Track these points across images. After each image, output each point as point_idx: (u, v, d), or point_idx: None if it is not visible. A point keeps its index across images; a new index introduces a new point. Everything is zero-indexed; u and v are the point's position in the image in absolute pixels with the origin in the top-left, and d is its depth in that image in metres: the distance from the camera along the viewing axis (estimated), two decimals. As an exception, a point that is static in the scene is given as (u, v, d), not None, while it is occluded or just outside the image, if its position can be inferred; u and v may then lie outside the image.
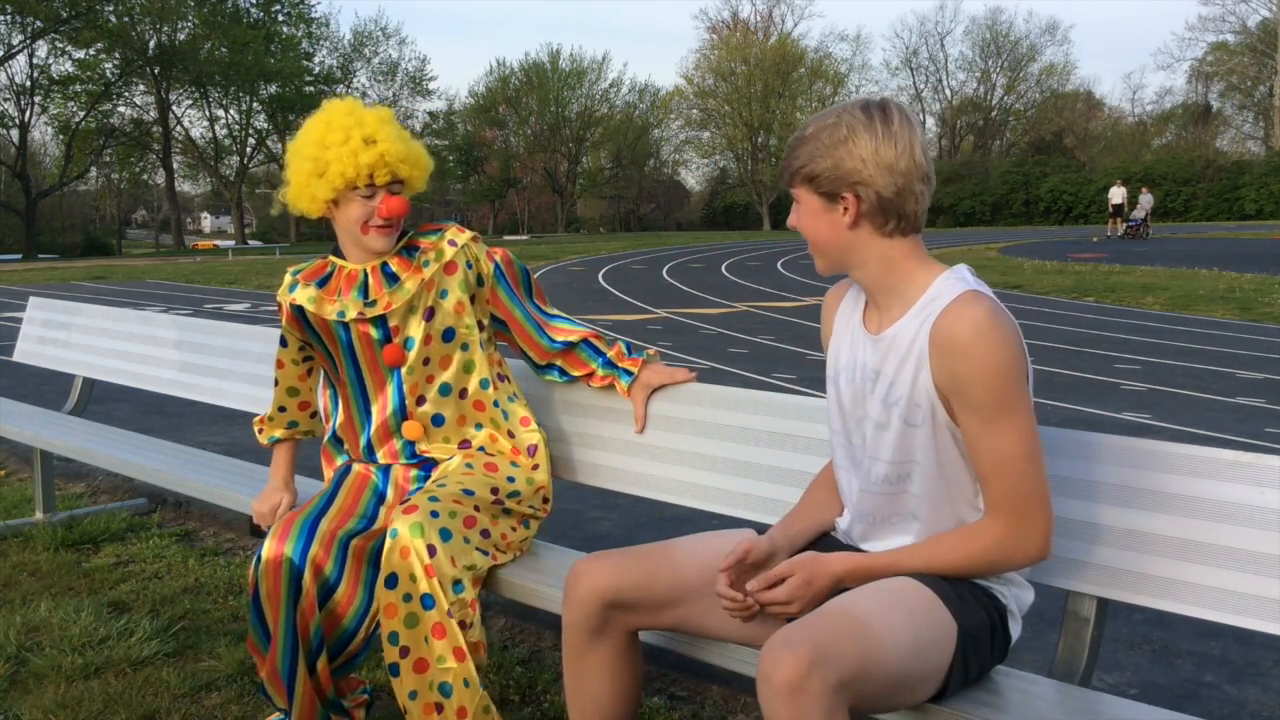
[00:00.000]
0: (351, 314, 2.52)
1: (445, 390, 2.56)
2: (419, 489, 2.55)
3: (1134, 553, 1.95)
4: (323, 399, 2.77)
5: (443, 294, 2.54)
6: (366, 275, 2.54)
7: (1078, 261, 21.52)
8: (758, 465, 2.49)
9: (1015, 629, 1.93)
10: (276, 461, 2.80)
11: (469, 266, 2.58)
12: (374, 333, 2.53)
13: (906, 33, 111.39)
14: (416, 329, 2.53)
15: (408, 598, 2.22)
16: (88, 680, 2.93)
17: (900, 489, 1.90)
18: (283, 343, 2.72)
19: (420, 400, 2.56)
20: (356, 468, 2.63)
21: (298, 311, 2.60)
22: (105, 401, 7.08)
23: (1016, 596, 1.93)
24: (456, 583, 2.24)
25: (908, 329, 1.84)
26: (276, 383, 2.77)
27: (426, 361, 2.54)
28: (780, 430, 2.46)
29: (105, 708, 2.78)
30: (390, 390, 2.56)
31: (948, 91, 69.77)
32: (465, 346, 2.57)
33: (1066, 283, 16.49)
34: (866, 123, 1.79)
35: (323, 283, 2.58)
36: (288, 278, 2.64)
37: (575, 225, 68.68)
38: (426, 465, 2.58)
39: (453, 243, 2.57)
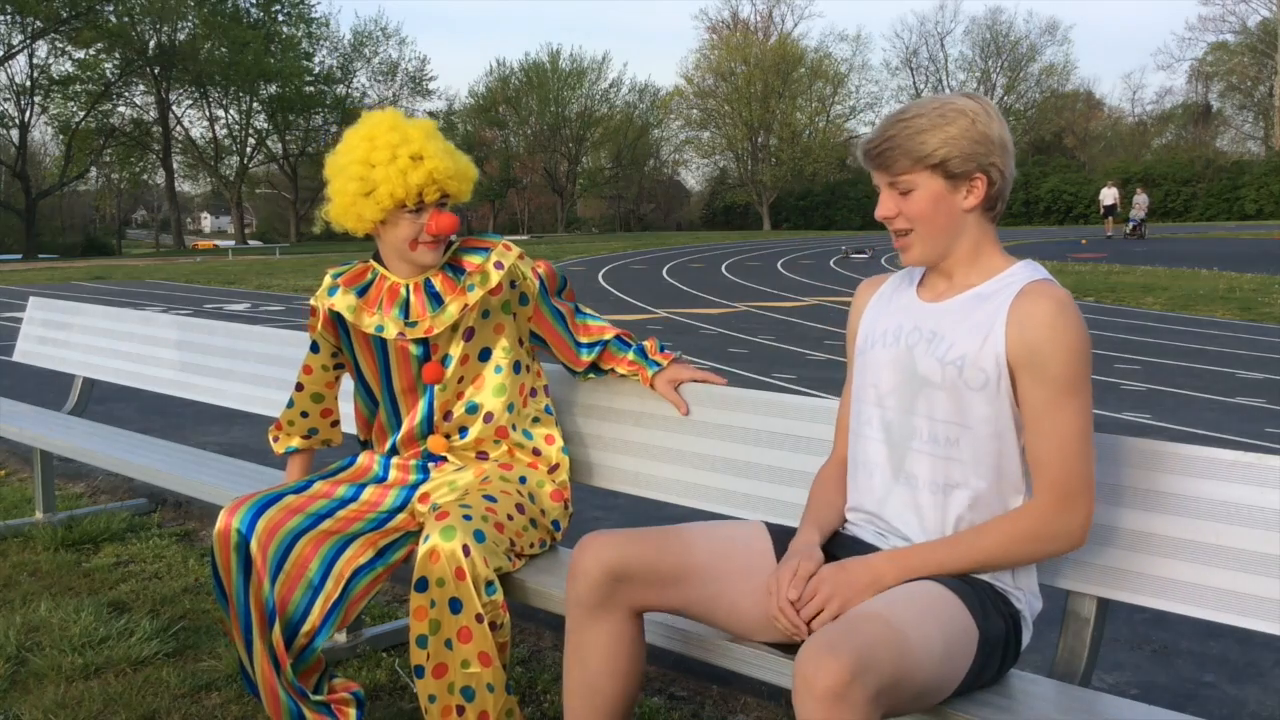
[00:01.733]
0: (391, 332, 2.50)
1: (473, 408, 2.55)
2: (423, 479, 2.55)
3: (1134, 553, 1.95)
4: (354, 405, 2.71)
5: (484, 314, 2.53)
6: (409, 292, 2.51)
7: (1077, 261, 21.52)
8: (758, 465, 2.49)
9: (1026, 636, 1.94)
10: (291, 472, 2.78)
11: (513, 285, 2.56)
12: (413, 349, 2.51)
13: (906, 33, 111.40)
14: (455, 348, 2.52)
15: (434, 604, 2.21)
16: (88, 680, 2.93)
17: (949, 454, 1.89)
18: (314, 348, 2.67)
19: (448, 415, 2.55)
20: (360, 459, 2.64)
21: (335, 317, 2.58)
22: (105, 401, 7.08)
23: (1030, 604, 1.94)
24: (489, 584, 2.23)
25: (979, 296, 1.89)
26: (300, 387, 2.72)
27: (460, 379, 2.54)
28: (780, 430, 2.46)
29: (105, 708, 2.78)
30: (421, 404, 2.55)
31: (947, 92, 69.60)
32: (499, 369, 2.55)
33: (1066, 283, 16.47)
34: (983, 111, 1.87)
35: (363, 291, 2.55)
36: (327, 280, 2.60)
37: (575, 225, 68.68)
38: (430, 457, 2.58)
39: (499, 264, 2.53)
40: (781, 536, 2.06)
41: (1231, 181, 51.88)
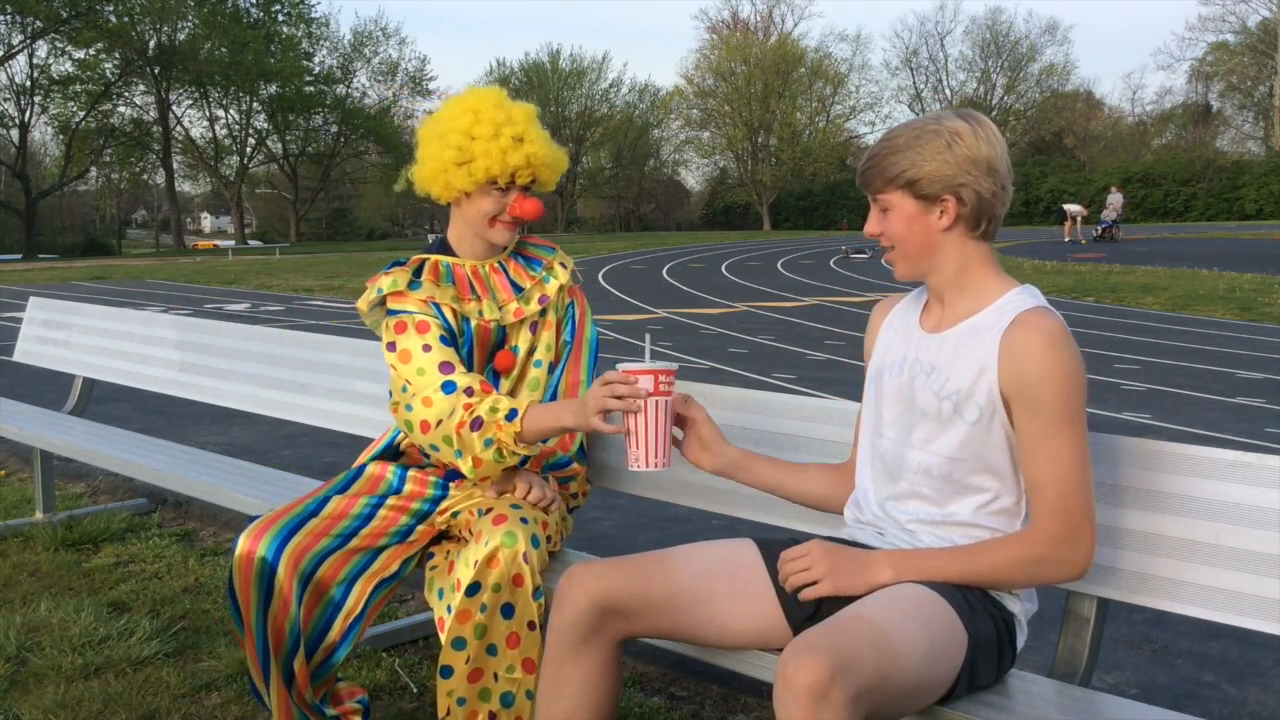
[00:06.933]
0: (490, 315, 2.49)
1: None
2: (443, 495, 2.49)
3: (1134, 553, 1.95)
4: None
5: (542, 312, 2.56)
6: (488, 274, 2.53)
7: (1078, 261, 21.53)
8: (758, 465, 2.48)
9: (1021, 638, 1.94)
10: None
11: (561, 289, 2.59)
12: (492, 336, 2.52)
13: (906, 33, 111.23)
14: (524, 340, 2.53)
15: (484, 608, 2.18)
16: (88, 680, 2.93)
17: (942, 486, 1.92)
18: (445, 341, 2.40)
19: None
20: (370, 469, 2.53)
21: (435, 308, 2.45)
22: (105, 401, 7.07)
23: (1024, 606, 1.94)
24: (537, 589, 2.21)
25: (975, 329, 1.89)
26: (449, 368, 2.44)
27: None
28: (780, 430, 2.46)
29: (105, 708, 2.78)
30: None
31: (948, 91, 69.62)
32: (538, 364, 2.56)
33: (1066, 283, 16.49)
34: (968, 129, 1.86)
35: (451, 282, 2.50)
36: (403, 277, 2.44)
37: (575, 225, 68.68)
38: (448, 474, 2.51)
39: (564, 265, 2.59)
40: (771, 549, 2.04)
41: (1231, 181, 51.85)
